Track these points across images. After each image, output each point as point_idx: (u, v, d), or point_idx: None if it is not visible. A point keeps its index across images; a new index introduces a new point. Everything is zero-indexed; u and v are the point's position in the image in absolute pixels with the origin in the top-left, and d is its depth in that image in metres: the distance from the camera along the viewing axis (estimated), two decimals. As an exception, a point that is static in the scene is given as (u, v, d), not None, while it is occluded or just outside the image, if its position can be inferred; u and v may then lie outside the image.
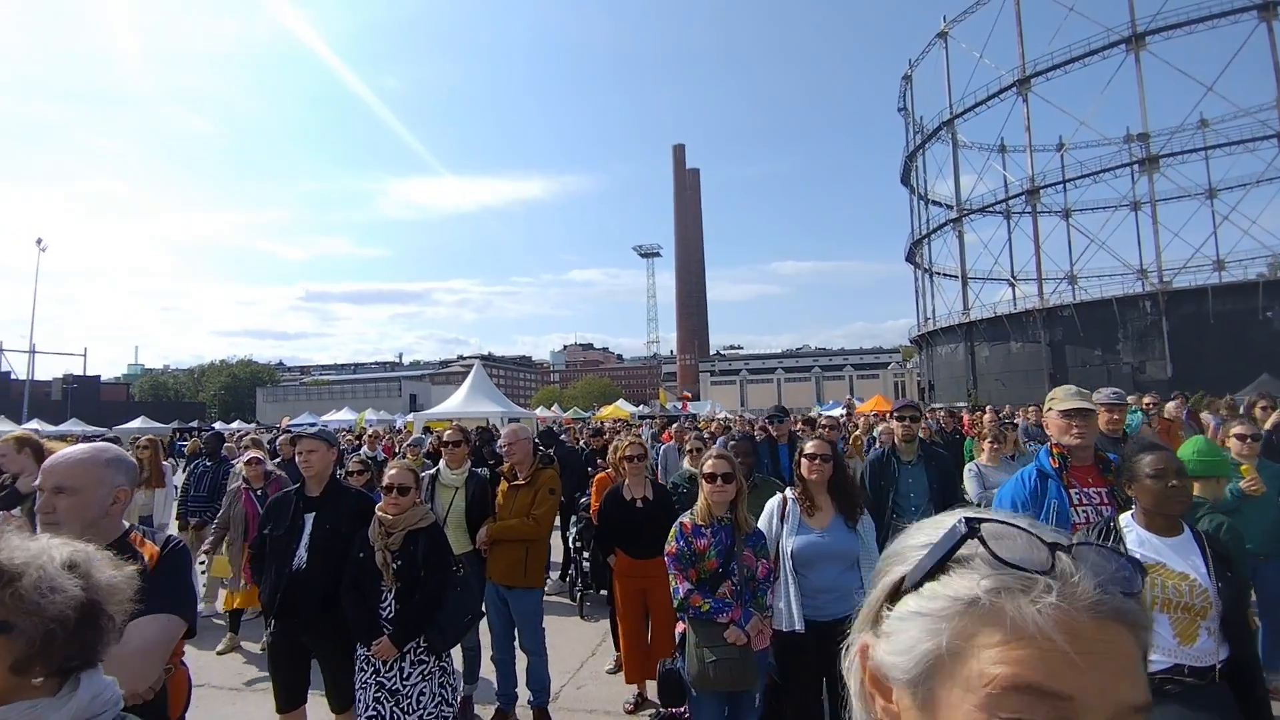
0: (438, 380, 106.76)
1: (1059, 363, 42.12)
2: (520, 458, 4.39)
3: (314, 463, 3.55)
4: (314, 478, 3.59)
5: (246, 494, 5.67)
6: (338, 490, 3.66)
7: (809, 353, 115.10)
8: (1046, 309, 43.21)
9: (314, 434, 3.70)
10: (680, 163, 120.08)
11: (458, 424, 4.56)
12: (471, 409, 27.39)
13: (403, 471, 3.51)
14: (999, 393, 41.86)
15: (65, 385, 62.51)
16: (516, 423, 4.77)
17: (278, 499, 3.72)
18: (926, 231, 54.76)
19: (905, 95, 57.29)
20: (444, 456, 4.69)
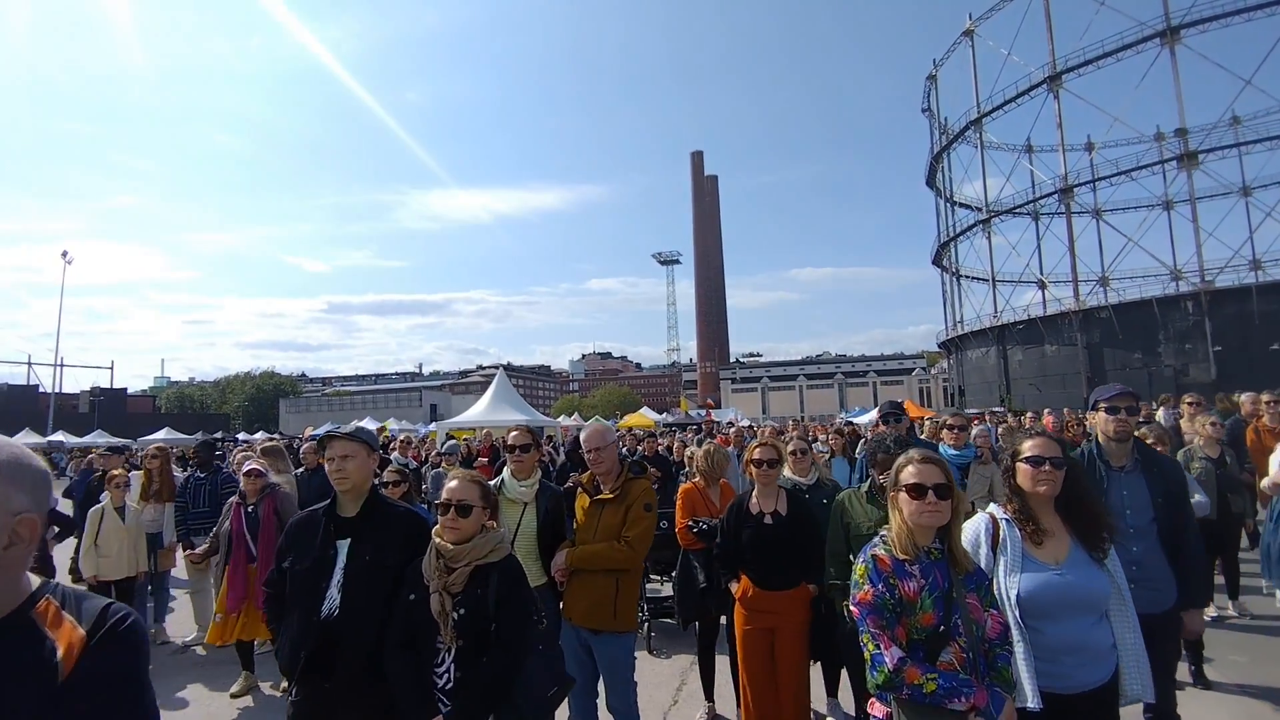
0: (457, 390, 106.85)
1: (1097, 366, 40.82)
2: (607, 467, 3.57)
3: (351, 472, 2.66)
4: (350, 491, 2.69)
5: (237, 509, 4.93)
6: (381, 508, 2.75)
7: (830, 359, 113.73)
8: (1083, 310, 41.98)
9: (350, 433, 2.77)
10: (699, 169, 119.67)
11: (523, 426, 3.76)
12: (495, 417, 26.90)
13: (465, 483, 2.61)
14: (1033, 397, 40.72)
15: (92, 398, 62.97)
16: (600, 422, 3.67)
17: (301, 521, 2.80)
18: (954, 234, 53.64)
19: (930, 96, 56.32)
20: (509, 464, 3.68)
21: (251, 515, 4.88)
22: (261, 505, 4.93)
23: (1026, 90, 46.85)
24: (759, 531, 3.70)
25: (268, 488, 5.09)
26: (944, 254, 55.48)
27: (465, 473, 2.77)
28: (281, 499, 5.07)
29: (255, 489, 5.03)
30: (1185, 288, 40.92)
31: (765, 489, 3.80)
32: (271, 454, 6.05)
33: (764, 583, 3.66)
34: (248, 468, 5.08)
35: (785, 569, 3.65)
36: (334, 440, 2.73)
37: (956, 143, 52.93)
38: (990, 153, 51.81)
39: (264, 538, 4.77)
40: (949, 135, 53.23)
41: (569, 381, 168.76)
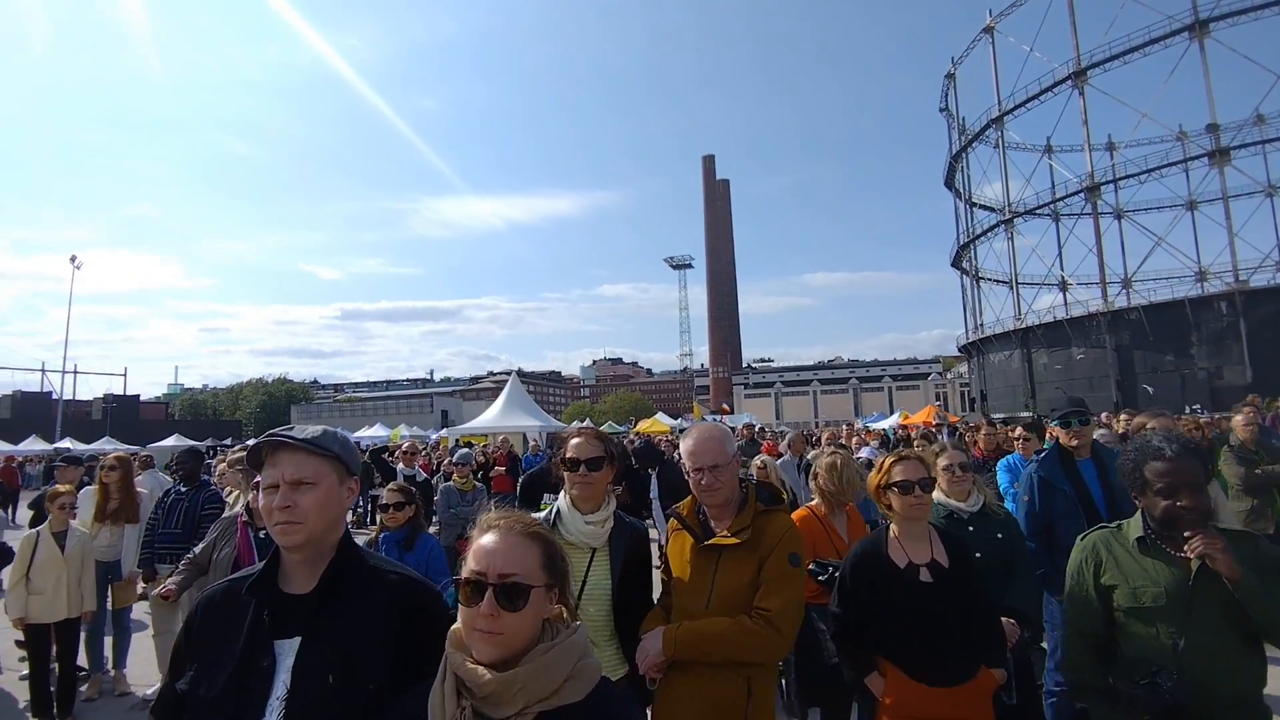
0: (469, 396, 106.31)
1: (1126, 369, 39.65)
2: (726, 494, 2.27)
3: (307, 511, 1.44)
4: (303, 548, 1.46)
5: (244, 530, 3.92)
6: (358, 577, 1.51)
7: (844, 365, 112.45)
8: (1111, 312, 40.81)
9: (309, 441, 1.49)
10: (710, 174, 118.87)
11: (590, 430, 2.49)
12: (507, 423, 26.10)
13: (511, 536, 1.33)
14: (1060, 401, 39.28)
15: (105, 404, 62.95)
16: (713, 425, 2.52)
17: (214, 601, 1.51)
18: (973, 235, 52.51)
19: (948, 95, 55.29)
20: (568, 489, 2.36)
21: (266, 541, 3.97)
22: None
23: (1050, 87, 45.79)
24: (912, 595, 2.38)
25: None
26: (963, 256, 54.36)
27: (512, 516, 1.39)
28: None
29: None
30: (1215, 288, 39.66)
31: (913, 527, 2.50)
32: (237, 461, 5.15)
33: (930, 675, 2.32)
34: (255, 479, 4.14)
35: (957, 652, 2.34)
36: (280, 451, 1.47)
37: (976, 142, 51.89)
38: (1010, 153, 50.68)
39: None
40: (968, 135, 52.22)
41: (580, 387, 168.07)
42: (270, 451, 1.48)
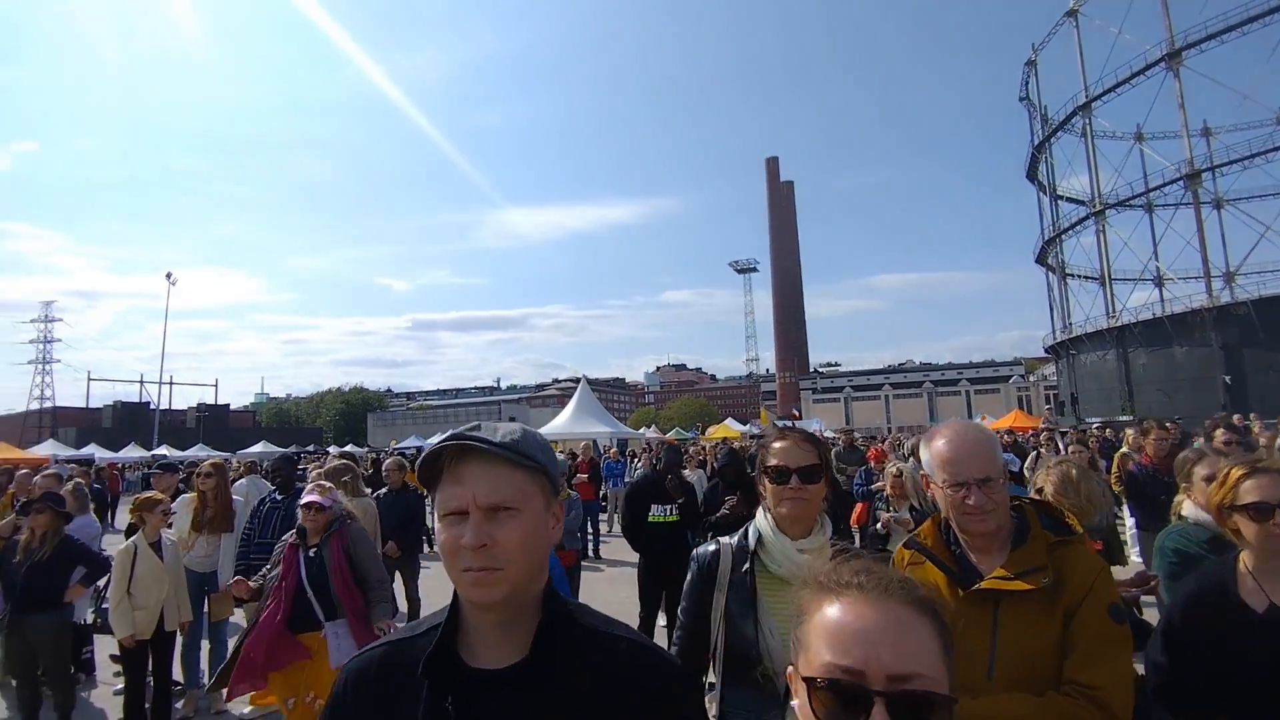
0: (534, 403, 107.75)
1: (1235, 369, 36.56)
2: (1000, 519, 1.64)
3: (509, 550, 0.96)
4: (503, 605, 0.98)
5: (292, 555, 3.67)
6: (575, 645, 1.02)
7: (916, 368, 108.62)
8: (1217, 307, 37.74)
9: (505, 445, 1.00)
10: (774, 176, 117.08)
11: (799, 432, 1.89)
12: (578, 429, 26.01)
13: (896, 608, 0.78)
14: (1161, 404, 36.78)
15: (198, 413, 66.62)
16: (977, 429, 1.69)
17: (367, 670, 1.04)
18: (1060, 230, 49.70)
19: (1029, 83, 52.66)
20: (773, 504, 1.82)
21: (314, 560, 3.64)
22: (328, 546, 3.66)
23: (1141, 70, 42.99)
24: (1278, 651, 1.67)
25: (336, 522, 3.77)
26: (1049, 251, 51.52)
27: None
28: (353, 535, 3.79)
29: (319, 526, 3.70)
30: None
31: (1276, 561, 1.77)
32: (337, 474, 4.89)
33: None
34: (306, 500, 3.70)
35: None
36: (468, 461, 1.00)
37: (1061, 131, 49.19)
38: (1098, 142, 47.71)
39: (339, 586, 3.60)
40: (1052, 124, 49.54)
41: (644, 393, 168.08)
42: (453, 460, 1.00)
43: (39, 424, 65.11)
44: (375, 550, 3.87)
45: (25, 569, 4.43)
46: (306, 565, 3.64)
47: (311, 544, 3.73)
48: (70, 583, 4.56)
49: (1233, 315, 37.11)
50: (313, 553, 3.70)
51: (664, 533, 5.26)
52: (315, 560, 3.68)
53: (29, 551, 4.49)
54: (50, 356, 76.25)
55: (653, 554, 5.29)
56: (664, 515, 5.26)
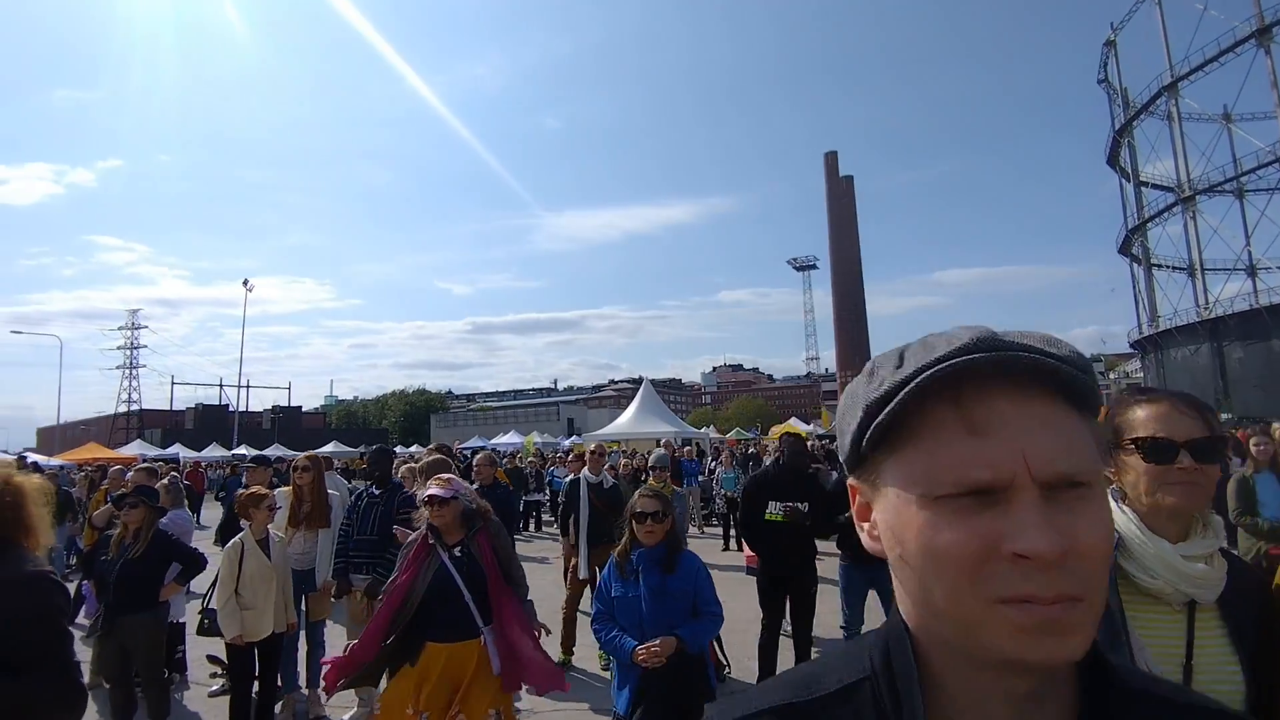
0: (592, 404, 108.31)
1: (1346, 363, 33.78)
2: None
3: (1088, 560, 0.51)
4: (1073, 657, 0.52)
5: (423, 553, 3.32)
6: None
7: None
8: (1324, 297, 34.94)
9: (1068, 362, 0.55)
10: (833, 170, 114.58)
11: (1175, 396, 1.31)
12: (642, 429, 25.78)
13: None
14: (1259, 401, 34.31)
15: (273, 415, 69.46)
16: None
17: None
18: (1145, 218, 46.96)
19: (1107, 65, 50.01)
20: (1144, 493, 1.28)
21: (463, 559, 3.27)
22: (475, 542, 3.33)
23: (1230, 48, 40.27)
24: None
25: (477, 517, 3.39)
26: (1133, 241, 48.78)
27: None
28: (497, 531, 3.47)
29: (451, 522, 3.29)
30: None
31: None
32: (434, 469, 4.54)
33: None
34: (430, 492, 3.29)
35: None
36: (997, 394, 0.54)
37: (1144, 115, 46.50)
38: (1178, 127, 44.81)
39: (496, 587, 3.27)
40: (1134, 107, 46.88)
41: (701, 394, 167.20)
42: (972, 389, 0.54)
43: (126, 425, 68.84)
44: (510, 543, 3.63)
45: (119, 566, 4.23)
46: (456, 565, 3.25)
47: (453, 541, 3.34)
48: (165, 580, 4.39)
49: (1342, 305, 34.34)
50: (459, 551, 3.31)
51: (785, 531, 4.88)
52: (465, 559, 3.30)
53: (122, 548, 4.30)
54: (137, 362, 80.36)
55: (773, 555, 4.91)
56: (782, 514, 4.86)
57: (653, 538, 3.17)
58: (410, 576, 3.20)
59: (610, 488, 6.25)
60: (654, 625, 3.00)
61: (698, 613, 3.09)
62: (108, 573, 4.28)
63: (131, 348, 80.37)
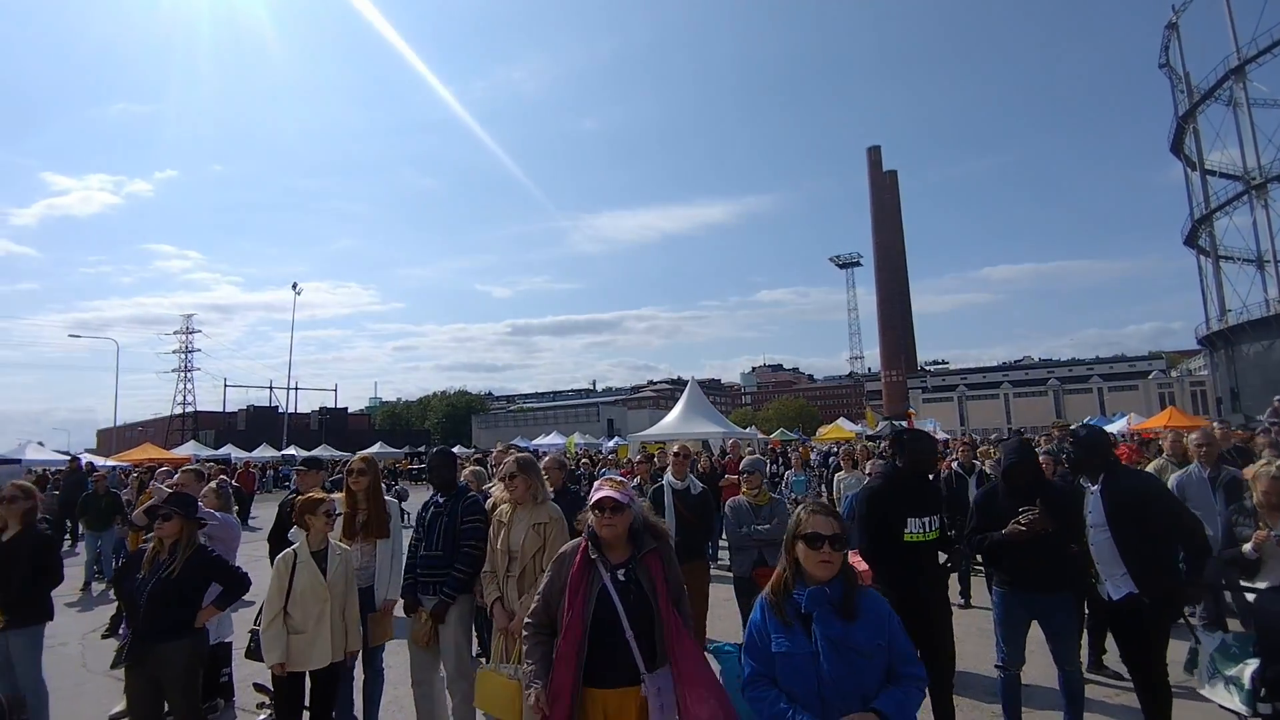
0: (630, 405, 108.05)
1: None
2: None
3: None
4: None
5: (585, 573, 2.67)
6: None
7: (1037, 364, 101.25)
8: None
9: None
10: (876, 165, 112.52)
11: None
12: (689, 429, 25.36)
13: None
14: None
15: (320, 417, 70.86)
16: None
17: None
18: (1211, 208, 44.72)
19: (1169, 48, 47.81)
20: None
21: (627, 584, 2.63)
22: (641, 566, 2.65)
23: (1304, 25, 38.02)
24: None
25: (646, 533, 2.73)
26: (1199, 232, 46.50)
27: None
28: (668, 559, 2.76)
29: (620, 534, 2.67)
30: None
31: None
32: (525, 470, 3.88)
33: None
34: (604, 494, 2.67)
35: None
36: None
37: (1209, 100, 44.29)
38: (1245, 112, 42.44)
39: (669, 623, 2.57)
40: (1198, 92, 44.69)
41: (741, 394, 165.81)
42: None
43: (181, 427, 70.99)
44: (682, 578, 2.82)
45: (150, 586, 3.65)
46: (620, 592, 2.60)
47: (617, 561, 2.68)
48: (204, 603, 3.84)
49: None
50: (623, 574, 2.65)
51: (926, 555, 3.87)
52: (629, 585, 2.62)
53: (155, 565, 3.73)
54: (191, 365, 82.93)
55: (906, 586, 3.73)
56: (922, 532, 3.82)
57: (829, 569, 2.35)
58: (583, 603, 2.58)
59: (699, 494, 5.52)
60: (839, 695, 2.23)
61: (895, 675, 2.30)
62: (138, 594, 3.72)
63: (186, 351, 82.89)
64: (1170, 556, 3.60)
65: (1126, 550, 3.59)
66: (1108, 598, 3.70)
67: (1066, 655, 3.88)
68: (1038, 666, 4.39)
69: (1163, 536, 3.59)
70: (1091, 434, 4.01)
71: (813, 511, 2.46)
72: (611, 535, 2.66)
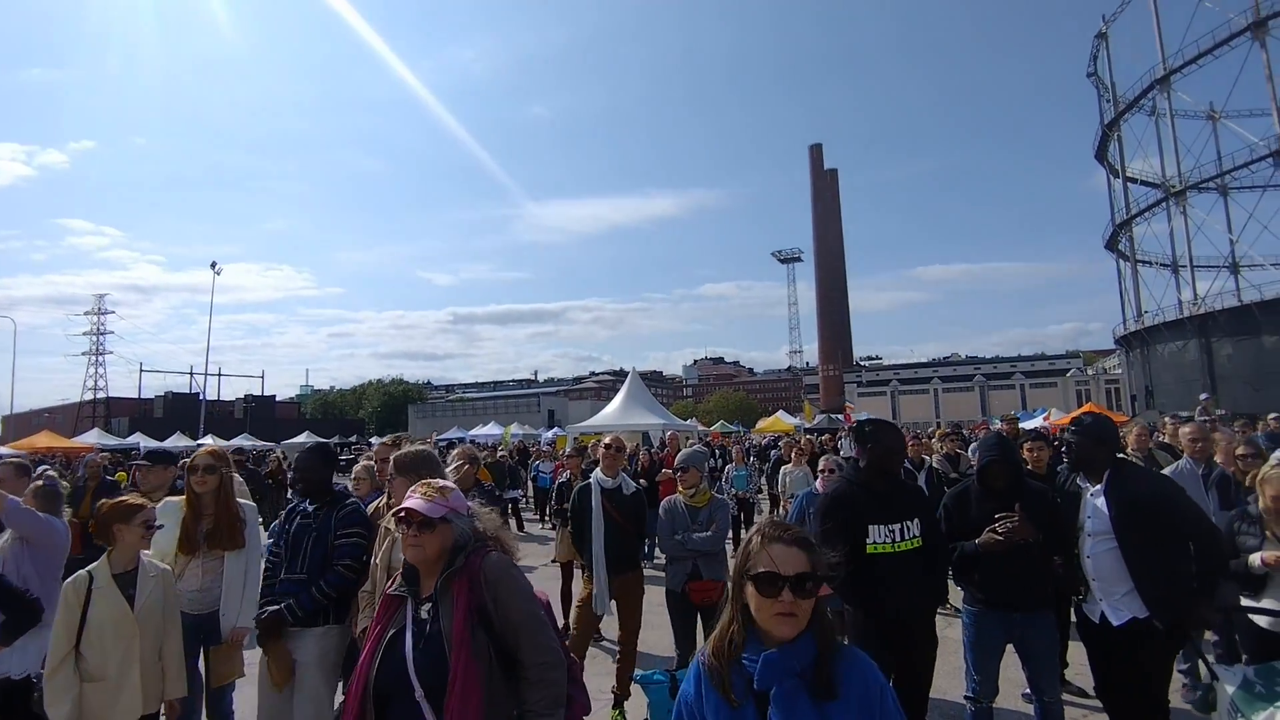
0: (573, 396, 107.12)
1: (1337, 360, 33.65)
2: None
3: None
4: None
5: (389, 610, 2.06)
6: None
7: (964, 361, 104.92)
8: (1317, 293, 34.78)
9: None
10: (817, 163, 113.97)
11: None
12: (629, 421, 24.74)
13: None
14: (1248, 397, 34.14)
15: (245, 404, 67.48)
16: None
17: None
18: (1132, 214, 46.75)
19: (1098, 58, 49.63)
20: None
21: (426, 624, 2.00)
22: (447, 597, 1.99)
23: (1225, 40, 39.94)
24: None
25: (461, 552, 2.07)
26: (1119, 237, 48.57)
27: None
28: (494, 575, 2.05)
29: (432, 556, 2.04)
30: None
31: None
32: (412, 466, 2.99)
33: None
34: (407, 505, 2.03)
35: None
36: None
37: (1133, 110, 46.21)
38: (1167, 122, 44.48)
39: (463, 675, 1.91)
40: (1123, 101, 46.56)
41: (683, 387, 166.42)
42: None
43: (93, 414, 66.44)
44: (532, 599, 2.13)
45: None
46: (415, 632, 1.95)
47: (427, 594, 2.02)
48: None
49: (1333, 302, 34.20)
50: (426, 610, 1.99)
51: (896, 570, 3.21)
52: (428, 624, 1.97)
53: None
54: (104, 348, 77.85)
55: (884, 608, 3.17)
56: (890, 543, 3.22)
57: (790, 626, 1.56)
58: (369, 657, 1.96)
59: (632, 495, 4.79)
60: None
61: None
62: None
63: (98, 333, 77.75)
64: (1188, 575, 3.08)
65: (1138, 565, 3.03)
66: (1099, 620, 3.18)
67: (1046, 683, 3.35)
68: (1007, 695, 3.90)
69: (1179, 551, 3.07)
70: (1099, 423, 3.40)
71: (768, 538, 1.63)
72: (418, 558, 2.02)
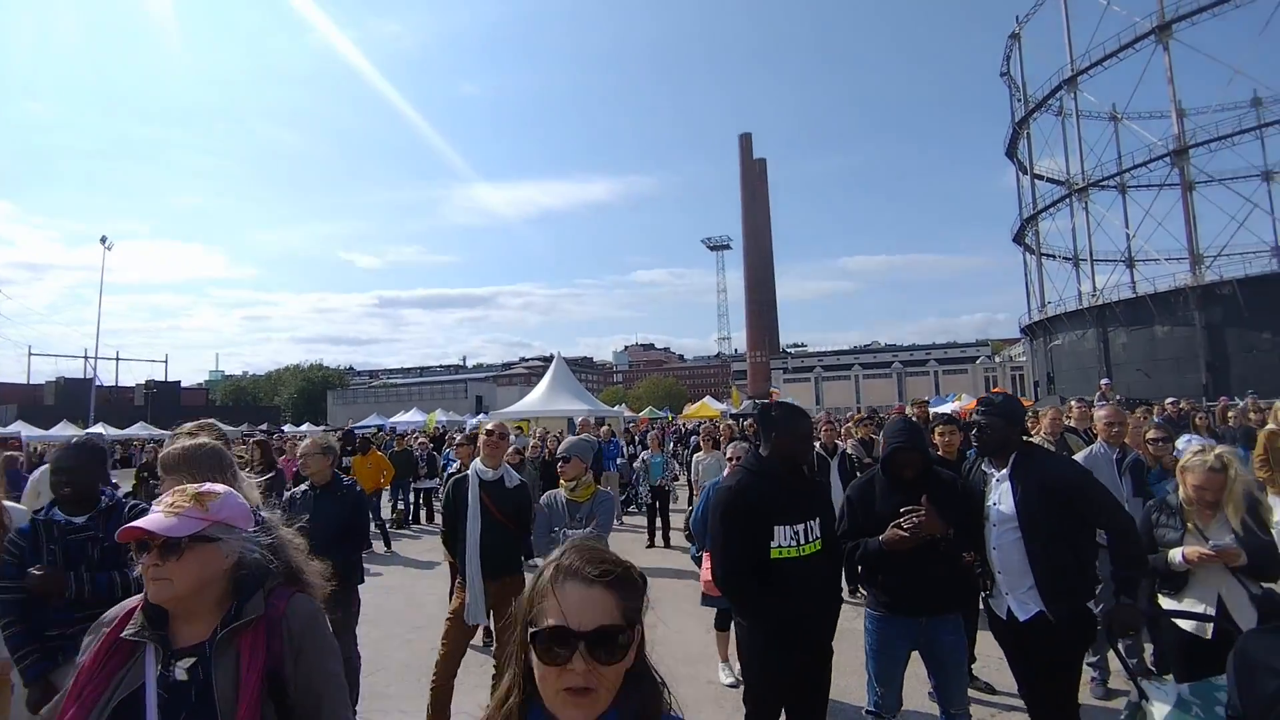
0: (501, 382, 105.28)
1: (1217, 349, 36.32)
2: None
3: None
4: None
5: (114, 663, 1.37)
6: None
7: (883, 349, 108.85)
8: (1202, 286, 37.35)
9: None
10: (747, 152, 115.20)
11: None
12: (552, 407, 24.26)
13: None
14: (1142, 384, 36.55)
15: (146, 391, 63.26)
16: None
17: None
18: (1037, 209, 49.12)
19: (1011, 58, 51.68)
20: None
21: (188, 687, 1.40)
22: (226, 656, 1.43)
23: (1130, 43, 42.19)
24: None
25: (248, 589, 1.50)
26: (1026, 231, 50.98)
27: None
28: (298, 626, 1.53)
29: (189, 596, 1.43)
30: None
31: None
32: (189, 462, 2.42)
33: None
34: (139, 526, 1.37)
35: None
36: None
37: (1041, 110, 48.42)
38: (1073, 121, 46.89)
39: None
40: (1029, 101, 48.74)
41: (613, 373, 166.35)
42: None
43: (-29, 400, 60.86)
44: (339, 656, 1.64)
45: None
46: (163, 700, 1.37)
47: (184, 644, 1.45)
48: None
49: (1216, 295, 36.80)
50: (182, 670, 1.41)
51: (805, 576, 2.86)
52: (189, 690, 1.40)
53: None
54: (-17, 329, 71.23)
55: (793, 626, 2.82)
56: (795, 545, 2.87)
57: (587, 708, 1.04)
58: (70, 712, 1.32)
59: (516, 488, 4.23)
60: None
61: None
62: None
63: (-25, 313, 70.89)
64: (1092, 568, 2.89)
65: (1041, 556, 2.84)
66: (1006, 615, 2.99)
67: (954, 694, 3.07)
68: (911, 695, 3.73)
69: (1087, 542, 2.88)
70: (1009, 402, 3.18)
71: (563, 571, 1.10)
72: (164, 596, 1.41)
